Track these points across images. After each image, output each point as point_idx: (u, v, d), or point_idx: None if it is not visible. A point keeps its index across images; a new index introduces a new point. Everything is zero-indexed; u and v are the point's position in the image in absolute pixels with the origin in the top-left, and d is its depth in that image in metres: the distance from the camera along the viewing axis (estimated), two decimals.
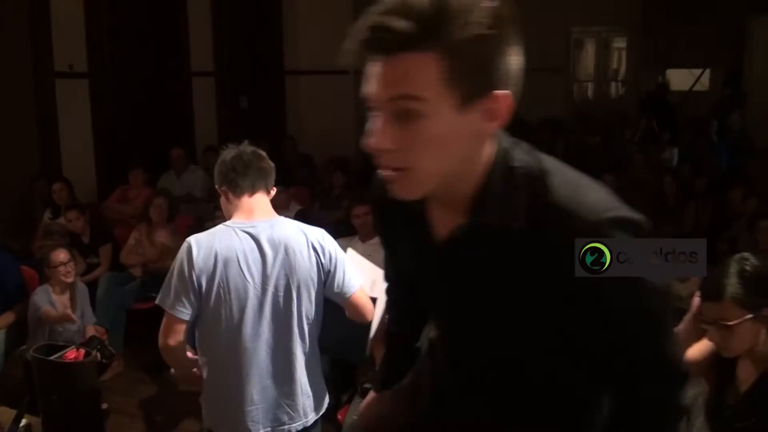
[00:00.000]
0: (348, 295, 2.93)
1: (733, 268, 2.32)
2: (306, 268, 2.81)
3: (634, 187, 8.15)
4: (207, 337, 2.86)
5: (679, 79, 13.91)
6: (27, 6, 7.61)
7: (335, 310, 3.09)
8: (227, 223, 2.90)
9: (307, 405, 2.93)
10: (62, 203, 6.80)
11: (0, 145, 6.98)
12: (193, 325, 2.85)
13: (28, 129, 7.76)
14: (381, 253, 5.17)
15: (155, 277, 6.03)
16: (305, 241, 2.85)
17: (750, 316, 2.29)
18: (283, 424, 2.88)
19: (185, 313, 2.74)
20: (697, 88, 13.47)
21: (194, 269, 2.75)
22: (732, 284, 2.30)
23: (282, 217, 2.96)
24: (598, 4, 12.85)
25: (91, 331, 5.28)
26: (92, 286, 6.00)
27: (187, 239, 2.86)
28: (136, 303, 5.96)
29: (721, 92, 12.66)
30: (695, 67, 13.38)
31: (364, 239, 5.50)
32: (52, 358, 3.02)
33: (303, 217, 6.75)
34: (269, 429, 2.86)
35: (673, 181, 7.26)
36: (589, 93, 14.50)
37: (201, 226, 7.01)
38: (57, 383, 2.99)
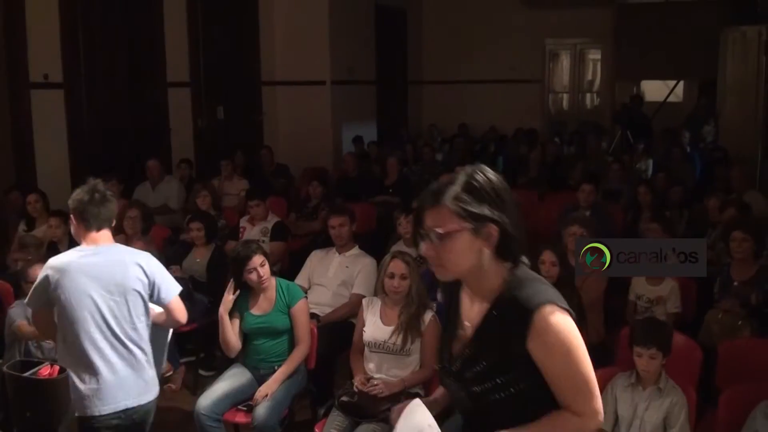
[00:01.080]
0: (166, 302, 3.49)
1: (462, 177, 2.10)
2: (131, 279, 3.38)
3: (610, 197, 8.21)
4: None
5: (654, 90, 14.06)
6: (1, 16, 7.55)
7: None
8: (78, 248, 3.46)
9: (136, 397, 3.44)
10: (36, 215, 6.73)
11: None
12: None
13: (2, 140, 7.69)
14: (358, 265, 5.22)
15: None
16: (128, 259, 3.44)
17: (469, 226, 2.06)
18: None
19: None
20: (671, 99, 13.61)
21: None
22: (454, 191, 2.08)
23: (118, 245, 3.56)
24: (573, 17, 12.98)
25: None
26: None
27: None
28: None
29: (696, 103, 12.79)
30: (669, 79, 13.51)
31: (340, 251, 5.48)
32: (25, 374, 2.99)
33: (280, 227, 6.77)
34: None
35: (648, 191, 7.30)
36: (565, 104, 14.61)
37: (176, 236, 7.01)
38: (31, 400, 2.96)
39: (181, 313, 3.55)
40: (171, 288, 3.51)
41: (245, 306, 4.44)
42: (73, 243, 6.23)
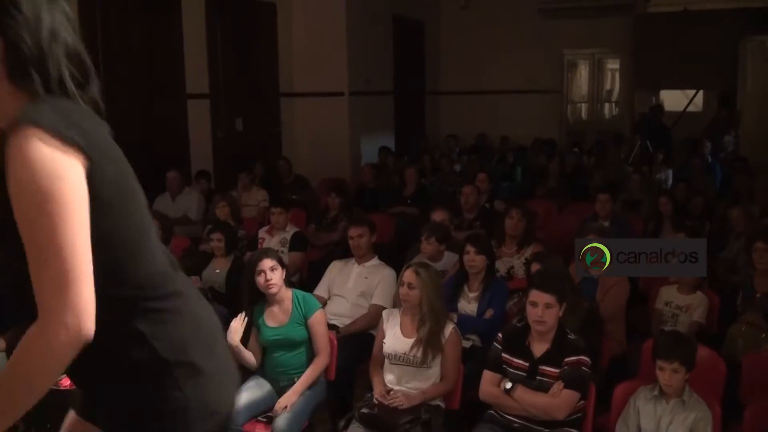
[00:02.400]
0: None
1: None
2: None
3: (630, 208, 8.17)
4: None
5: (673, 100, 13.97)
6: None
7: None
8: None
9: None
10: None
11: None
12: None
13: None
14: (377, 276, 5.21)
15: None
16: None
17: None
18: None
19: None
20: (691, 108, 13.52)
21: None
22: None
23: None
24: (591, 27, 12.95)
25: None
26: None
27: None
28: None
29: (715, 113, 12.71)
30: (689, 88, 13.44)
31: (360, 261, 5.46)
32: None
33: (299, 238, 6.77)
34: None
35: (668, 202, 7.25)
36: (583, 114, 14.57)
37: (196, 247, 7.02)
38: (51, 410, 2.96)
39: None
40: None
41: (261, 318, 4.43)
42: None
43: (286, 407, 4.17)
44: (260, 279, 4.33)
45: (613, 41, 13.25)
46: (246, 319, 4.42)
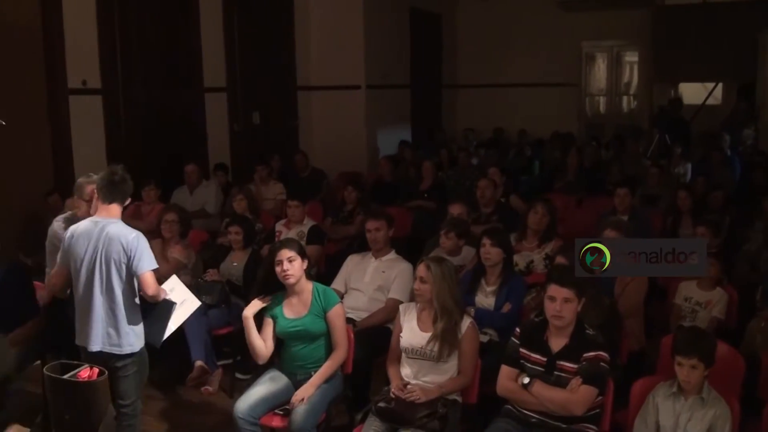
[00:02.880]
0: (137, 274, 4.08)
1: None
2: (116, 250, 4.06)
3: (648, 202, 8.12)
4: None
5: (692, 92, 13.87)
6: (40, 23, 7.66)
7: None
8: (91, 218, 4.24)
9: (115, 342, 4.11)
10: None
11: (14, 160, 7.01)
12: None
13: (42, 145, 7.79)
14: (394, 270, 5.22)
15: None
16: (119, 234, 4.08)
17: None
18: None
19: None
20: (710, 101, 13.42)
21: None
22: None
23: (117, 221, 4.19)
24: (610, 19, 12.87)
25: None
26: None
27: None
28: None
29: (734, 106, 12.61)
30: (708, 81, 13.34)
31: (377, 255, 5.46)
32: (65, 377, 3.01)
33: (316, 231, 6.79)
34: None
35: (687, 196, 7.20)
36: (601, 107, 14.48)
37: (214, 240, 7.05)
38: (70, 402, 2.98)
39: (148, 287, 4.09)
40: (143, 264, 4.07)
41: (280, 309, 4.43)
42: None
43: (302, 400, 4.18)
44: (278, 269, 4.34)
45: (632, 33, 13.16)
46: (268, 299, 4.44)
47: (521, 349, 3.89)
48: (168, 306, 4.36)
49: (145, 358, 4.34)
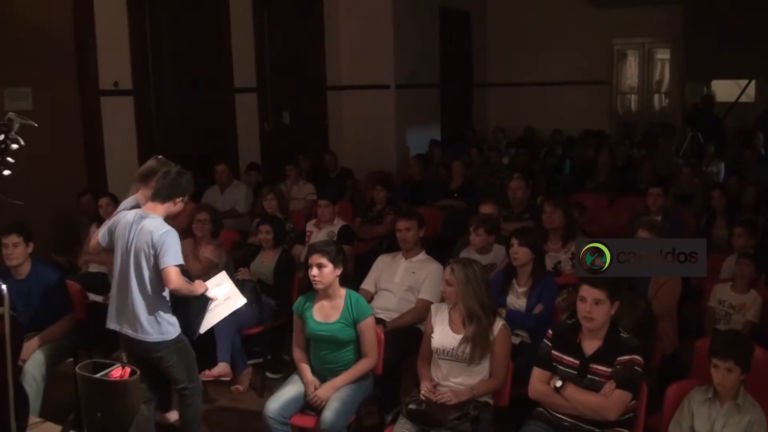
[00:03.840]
0: (161, 268, 4.19)
1: None
2: (146, 242, 4.21)
3: (681, 201, 8.02)
4: None
5: (725, 90, 13.70)
6: (72, 25, 7.73)
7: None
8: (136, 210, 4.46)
9: (143, 329, 4.29)
10: (108, 217, 6.84)
11: (47, 161, 7.07)
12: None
13: (74, 145, 7.86)
14: (424, 270, 5.19)
15: None
16: (151, 228, 4.23)
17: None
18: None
19: None
20: (743, 99, 13.24)
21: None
22: None
23: (152, 214, 4.34)
24: (641, 16, 12.74)
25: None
26: None
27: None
28: None
29: None
30: (741, 78, 13.16)
31: (407, 255, 5.44)
32: (97, 375, 3.02)
33: (347, 231, 6.78)
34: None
35: (721, 195, 7.10)
36: (633, 105, 14.35)
37: (245, 240, 7.08)
38: (101, 400, 2.99)
39: (169, 281, 4.19)
40: (168, 259, 4.18)
41: (310, 310, 4.43)
42: None
43: (320, 401, 4.23)
44: (310, 271, 4.35)
45: (664, 30, 13.02)
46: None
47: (554, 352, 3.85)
48: (203, 301, 4.50)
49: (183, 345, 4.44)
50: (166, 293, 4.32)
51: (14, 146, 2.56)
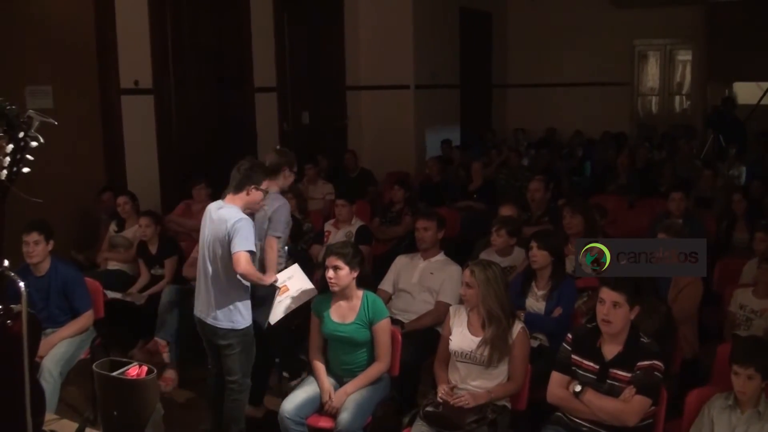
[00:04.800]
0: (233, 251, 4.32)
1: None
2: (222, 230, 4.37)
3: (702, 205, 7.95)
4: None
5: (746, 92, 13.58)
6: (93, 24, 7.76)
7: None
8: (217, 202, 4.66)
9: (214, 315, 4.48)
10: (126, 216, 6.88)
11: (67, 159, 7.11)
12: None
13: (94, 143, 7.91)
14: (443, 272, 5.17)
15: None
16: (227, 216, 4.41)
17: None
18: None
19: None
20: (765, 101, 13.12)
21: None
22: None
23: (229, 204, 4.53)
24: (663, 17, 12.67)
25: None
26: (155, 298, 6.06)
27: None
28: None
29: None
30: (763, 81, 13.04)
31: (425, 256, 5.41)
32: (114, 374, 3.02)
33: (364, 231, 6.76)
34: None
35: (742, 199, 7.03)
36: (654, 107, 14.25)
37: None
38: (118, 399, 2.99)
39: (238, 264, 4.30)
40: (239, 244, 4.30)
41: (327, 310, 4.43)
42: (162, 243, 6.42)
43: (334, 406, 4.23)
44: (326, 273, 4.34)
45: (686, 31, 12.94)
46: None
47: (573, 356, 3.81)
48: (272, 291, 4.66)
49: (250, 339, 4.55)
50: (246, 283, 4.46)
51: (33, 144, 2.57)
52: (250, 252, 4.36)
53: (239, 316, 4.45)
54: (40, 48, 7.24)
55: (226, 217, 4.39)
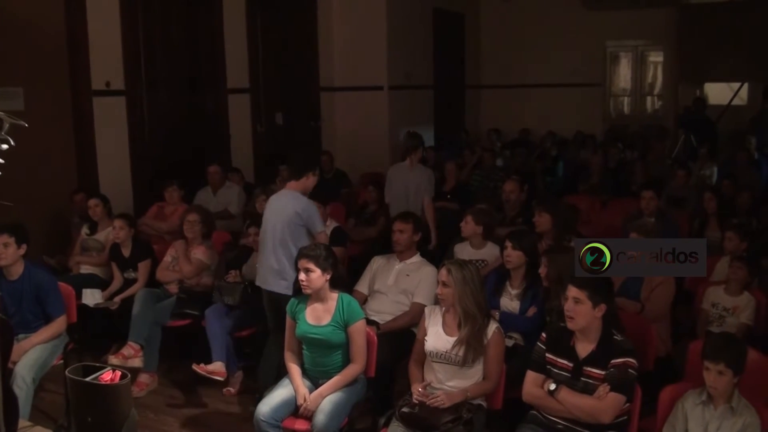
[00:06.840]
0: (315, 232, 5.17)
1: None
2: (290, 215, 5.08)
3: (674, 204, 8.02)
4: None
5: (717, 93, 13.75)
6: (64, 25, 7.69)
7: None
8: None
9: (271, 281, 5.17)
10: (98, 219, 6.83)
11: (39, 161, 7.04)
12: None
13: (65, 145, 7.83)
14: (419, 273, 5.17)
15: (191, 293, 6.00)
16: (293, 203, 5.15)
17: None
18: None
19: None
20: (736, 102, 13.28)
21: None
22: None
23: (291, 191, 5.26)
24: (634, 18, 12.77)
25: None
26: (128, 301, 6.02)
27: None
28: (171, 320, 5.92)
29: (760, 106, 12.46)
30: (734, 81, 13.19)
31: (401, 258, 5.41)
32: (87, 379, 3.00)
33: (339, 232, 6.75)
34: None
35: (713, 198, 7.10)
36: (626, 108, 14.37)
37: (236, 242, 7.04)
38: (92, 405, 2.97)
39: (321, 236, 5.17)
40: (317, 226, 5.19)
41: (302, 312, 4.42)
42: (135, 246, 6.37)
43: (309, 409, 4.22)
44: (298, 275, 4.34)
45: (657, 33, 13.05)
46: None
47: (547, 355, 3.84)
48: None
49: None
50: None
51: (4, 146, 2.54)
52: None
53: (290, 284, 5.04)
54: (10, 49, 7.15)
55: (293, 202, 5.12)
